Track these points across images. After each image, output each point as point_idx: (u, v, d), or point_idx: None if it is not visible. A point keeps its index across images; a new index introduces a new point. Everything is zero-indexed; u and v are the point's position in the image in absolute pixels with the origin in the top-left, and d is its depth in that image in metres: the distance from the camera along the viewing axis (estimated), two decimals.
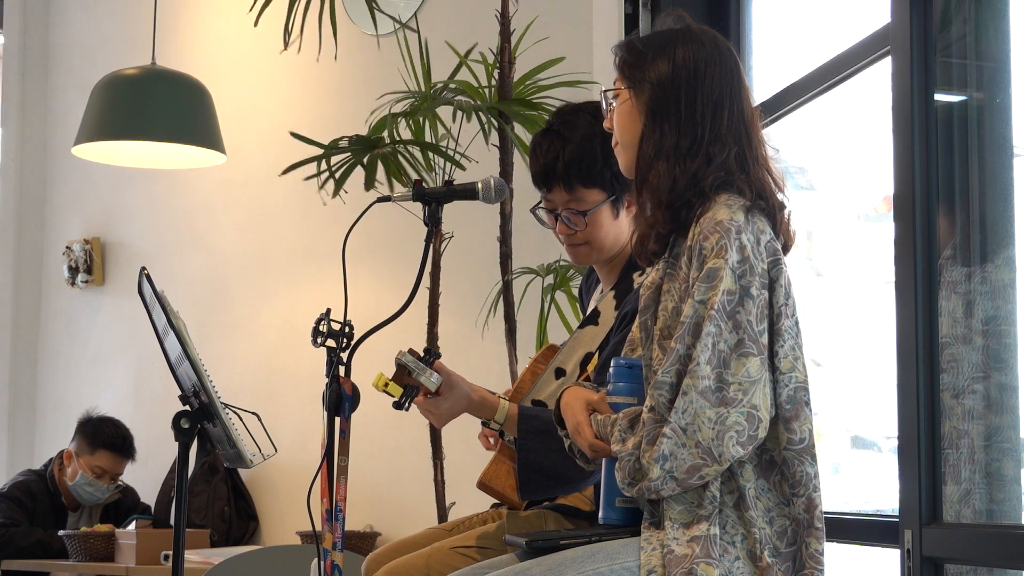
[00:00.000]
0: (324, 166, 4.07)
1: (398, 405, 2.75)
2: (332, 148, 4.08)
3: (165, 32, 6.10)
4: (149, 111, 4.83)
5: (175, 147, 5.00)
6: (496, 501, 3.12)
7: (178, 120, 4.86)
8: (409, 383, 2.74)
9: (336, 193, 4.05)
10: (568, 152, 2.88)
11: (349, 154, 4.08)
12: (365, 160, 4.04)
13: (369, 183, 3.99)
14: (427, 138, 4.15)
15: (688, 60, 2.41)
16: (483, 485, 3.01)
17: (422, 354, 2.76)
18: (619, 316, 2.85)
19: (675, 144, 2.39)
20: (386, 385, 2.72)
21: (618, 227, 2.93)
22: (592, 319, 2.96)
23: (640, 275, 2.88)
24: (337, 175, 4.06)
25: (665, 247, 2.43)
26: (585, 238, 2.92)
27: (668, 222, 2.39)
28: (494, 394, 3.01)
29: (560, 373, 2.97)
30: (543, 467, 2.79)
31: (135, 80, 4.87)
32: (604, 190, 2.89)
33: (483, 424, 2.92)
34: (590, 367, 2.91)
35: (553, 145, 2.91)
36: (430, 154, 4.11)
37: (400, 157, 4.07)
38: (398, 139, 4.08)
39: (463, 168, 4.09)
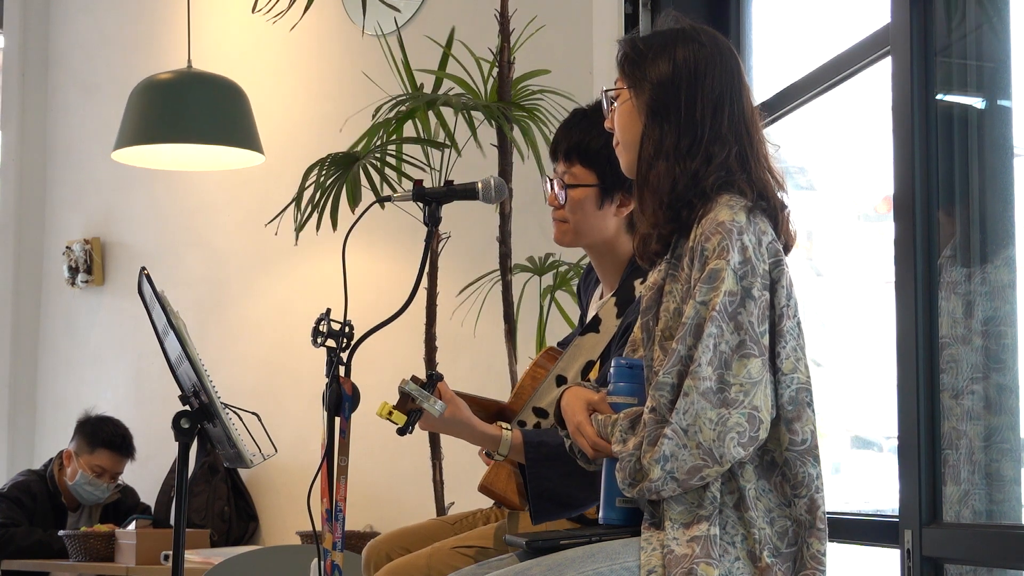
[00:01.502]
0: (302, 203, 4.09)
1: (402, 431, 2.75)
2: (307, 177, 4.09)
3: (166, 33, 6.11)
4: (187, 114, 4.88)
5: (214, 148, 5.04)
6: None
7: (216, 122, 4.91)
8: (413, 409, 2.75)
9: (334, 225, 4.07)
10: (581, 130, 2.95)
11: (326, 180, 4.08)
12: (343, 181, 4.04)
13: (352, 200, 3.99)
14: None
15: (688, 60, 2.41)
16: (484, 489, 3.01)
17: (425, 380, 2.77)
18: (621, 327, 2.86)
19: (675, 143, 2.39)
20: (390, 414, 2.72)
21: (601, 219, 2.95)
22: (593, 327, 2.96)
23: (642, 283, 2.89)
24: (319, 210, 4.08)
25: (667, 247, 2.43)
26: (566, 215, 2.97)
27: (669, 222, 2.39)
28: (495, 403, 3.01)
29: (561, 381, 2.97)
30: (556, 494, 2.80)
31: (172, 84, 4.91)
32: (596, 175, 2.93)
33: (487, 455, 2.92)
34: (592, 375, 2.92)
35: (572, 121, 2.99)
36: (408, 154, 4.11)
37: (386, 161, 4.07)
38: (382, 143, 4.08)
39: (444, 149, 4.08)
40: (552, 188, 2.98)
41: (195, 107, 4.87)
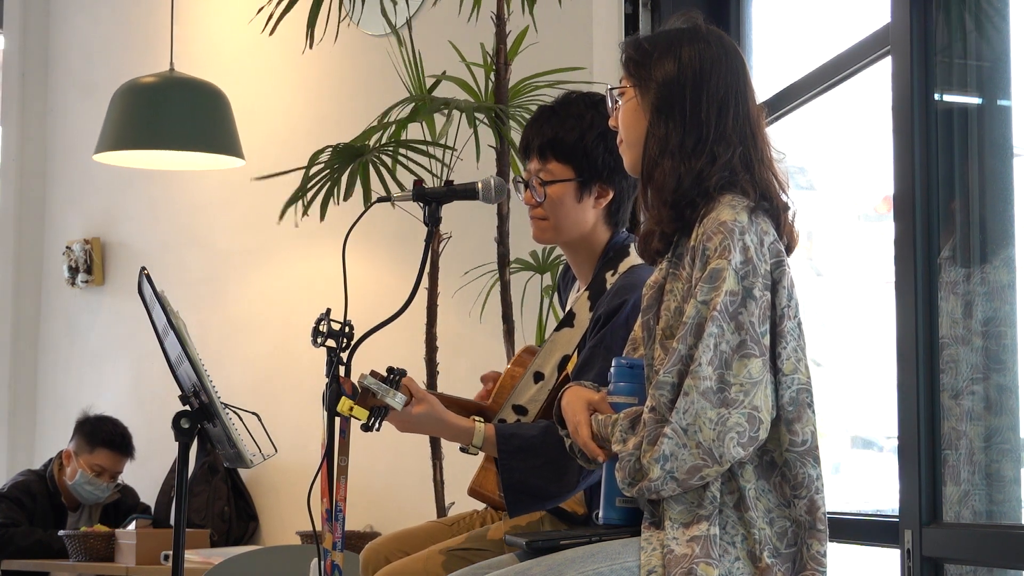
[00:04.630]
0: (303, 186, 4.09)
1: (366, 427, 2.72)
2: (312, 165, 4.09)
3: (163, 34, 6.10)
4: (167, 120, 4.91)
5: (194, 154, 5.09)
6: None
7: (196, 128, 4.93)
8: (375, 404, 2.72)
9: (323, 216, 4.07)
10: (551, 125, 2.95)
11: (328, 169, 4.08)
12: (347, 172, 4.04)
13: (348, 192, 3.99)
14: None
15: (694, 59, 2.41)
16: (474, 492, 3.02)
17: (385, 374, 2.74)
18: (593, 319, 2.87)
19: (680, 143, 2.39)
20: (351, 409, 2.69)
21: (580, 213, 2.95)
22: (568, 321, 2.97)
23: (612, 275, 2.90)
24: (319, 197, 4.07)
25: (669, 246, 2.43)
26: (545, 213, 2.96)
27: (672, 221, 2.40)
28: (475, 404, 3.01)
29: (539, 377, 2.97)
30: (528, 485, 2.80)
31: (153, 88, 4.93)
32: (573, 169, 2.93)
33: (461, 450, 2.92)
34: (568, 368, 2.92)
35: (541, 118, 2.99)
36: (411, 155, 4.11)
37: (386, 159, 4.07)
38: (384, 142, 4.08)
39: (446, 163, 4.07)
40: (526, 188, 2.98)
41: (175, 113, 4.90)
